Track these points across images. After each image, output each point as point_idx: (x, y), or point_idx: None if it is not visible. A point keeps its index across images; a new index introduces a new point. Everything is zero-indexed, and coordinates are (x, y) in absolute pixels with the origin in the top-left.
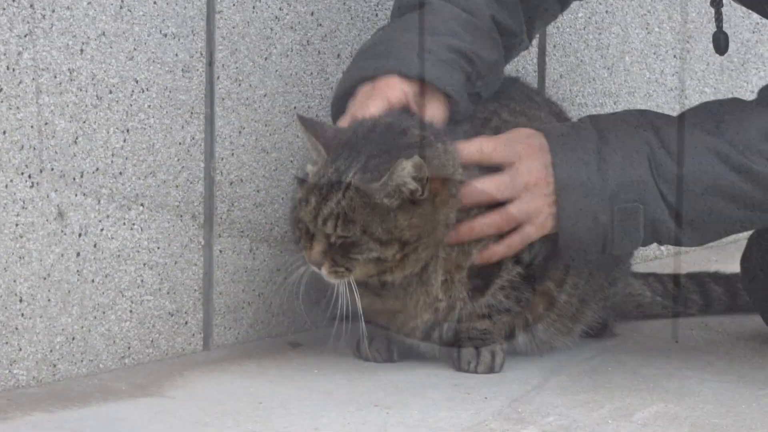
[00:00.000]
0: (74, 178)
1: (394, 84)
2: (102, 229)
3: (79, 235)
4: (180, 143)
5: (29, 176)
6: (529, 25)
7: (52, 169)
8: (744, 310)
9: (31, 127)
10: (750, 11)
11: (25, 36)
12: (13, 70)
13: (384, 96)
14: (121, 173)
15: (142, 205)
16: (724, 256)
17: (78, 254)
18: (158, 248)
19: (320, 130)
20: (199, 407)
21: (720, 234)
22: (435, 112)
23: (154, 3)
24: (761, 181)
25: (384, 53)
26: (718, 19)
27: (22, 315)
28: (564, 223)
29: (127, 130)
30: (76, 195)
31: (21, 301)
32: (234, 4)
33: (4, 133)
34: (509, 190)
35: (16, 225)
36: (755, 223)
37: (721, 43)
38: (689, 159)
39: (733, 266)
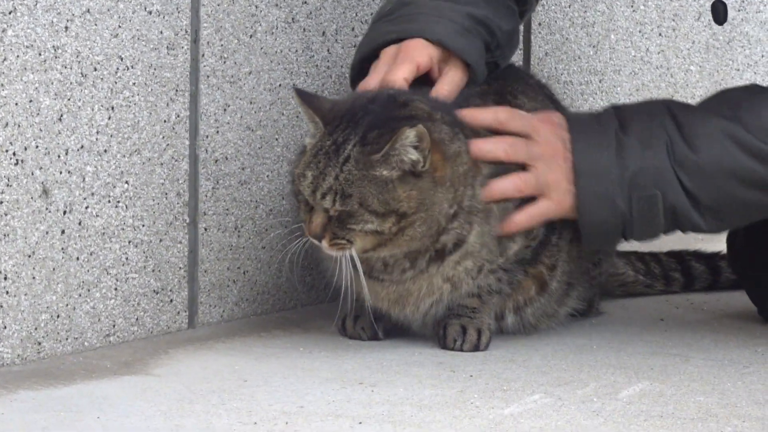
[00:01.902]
0: (59, 156)
1: (421, 47)
2: (87, 207)
3: (64, 212)
4: (165, 121)
5: (14, 153)
6: None
7: (37, 147)
8: (726, 287)
9: (16, 104)
10: None
11: (10, 13)
12: None
13: (412, 59)
14: (105, 151)
15: (126, 182)
16: (707, 234)
17: (63, 232)
18: (143, 226)
19: (317, 102)
20: (184, 385)
21: (740, 219)
22: (454, 79)
23: None
24: None
25: (407, 18)
26: None
27: (7, 293)
28: (582, 208)
29: (112, 108)
30: (60, 173)
31: (6, 278)
32: None
33: None
34: (523, 153)
35: (1, 203)
36: None
37: (720, 13)
38: (706, 145)
39: (715, 244)
